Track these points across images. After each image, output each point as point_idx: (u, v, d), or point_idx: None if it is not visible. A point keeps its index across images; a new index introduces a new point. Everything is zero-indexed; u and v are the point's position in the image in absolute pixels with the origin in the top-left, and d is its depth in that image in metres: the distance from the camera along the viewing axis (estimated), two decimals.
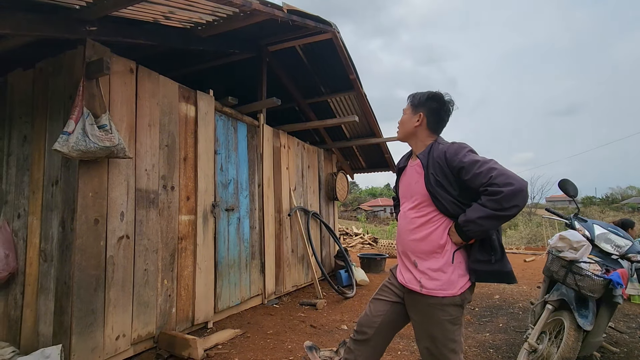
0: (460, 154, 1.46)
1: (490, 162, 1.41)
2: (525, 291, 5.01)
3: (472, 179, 1.41)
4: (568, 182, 2.71)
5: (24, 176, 2.70)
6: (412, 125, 1.64)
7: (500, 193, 1.33)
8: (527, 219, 18.15)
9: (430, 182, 1.51)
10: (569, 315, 2.21)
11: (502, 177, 1.34)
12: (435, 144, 1.59)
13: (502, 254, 1.50)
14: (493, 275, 1.49)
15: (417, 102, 1.65)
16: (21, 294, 2.58)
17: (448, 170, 1.48)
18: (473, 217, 1.39)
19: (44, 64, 2.69)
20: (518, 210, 1.35)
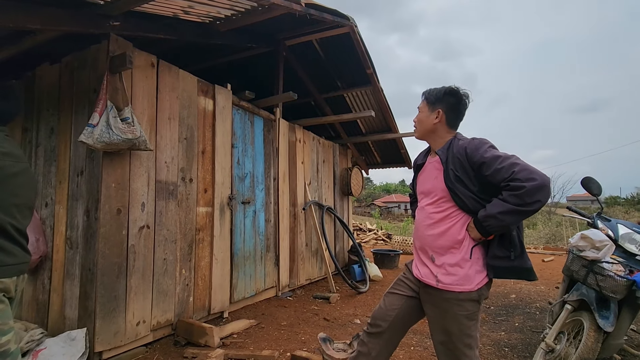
0: (481, 149, 1.45)
1: (512, 158, 1.39)
2: (542, 291, 4.90)
3: (493, 174, 1.40)
4: (591, 180, 2.63)
5: (51, 167, 2.81)
6: (430, 122, 1.62)
7: (523, 188, 1.31)
8: (546, 218, 17.69)
9: (450, 178, 1.50)
10: (589, 316, 2.16)
11: (524, 172, 1.33)
12: (455, 139, 1.58)
13: (522, 251, 1.47)
14: (512, 272, 1.47)
15: (434, 99, 1.62)
16: (49, 279, 2.71)
17: (468, 165, 1.47)
18: (494, 212, 1.37)
19: (70, 59, 2.79)
20: (541, 205, 1.33)
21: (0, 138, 1.50)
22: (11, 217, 1.43)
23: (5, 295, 1.42)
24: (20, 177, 1.49)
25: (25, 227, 1.53)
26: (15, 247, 1.44)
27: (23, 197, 1.50)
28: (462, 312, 1.48)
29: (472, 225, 1.47)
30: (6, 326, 1.39)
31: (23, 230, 1.50)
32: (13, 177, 1.46)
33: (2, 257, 1.38)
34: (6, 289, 1.41)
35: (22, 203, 1.50)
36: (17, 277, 1.48)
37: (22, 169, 1.51)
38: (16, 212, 1.46)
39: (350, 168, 6.25)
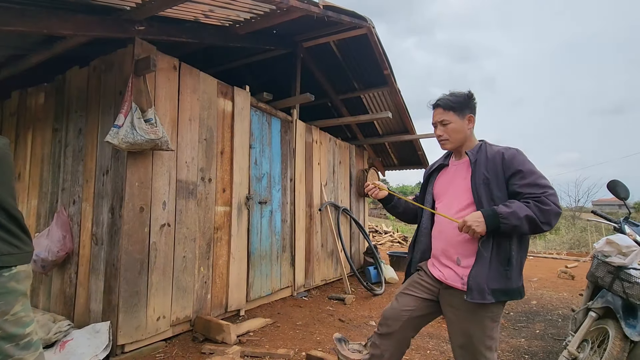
0: (519, 158, 1.50)
1: (547, 180, 1.46)
2: (565, 298, 4.74)
3: (524, 186, 1.44)
4: (618, 184, 2.53)
5: (79, 166, 2.93)
6: (466, 129, 1.62)
7: (549, 206, 1.38)
8: (570, 223, 17.08)
9: (476, 179, 1.51)
10: (615, 324, 2.08)
11: (554, 197, 1.41)
12: (485, 144, 1.61)
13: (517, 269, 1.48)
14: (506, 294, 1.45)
15: (462, 105, 1.61)
16: (75, 273, 2.82)
17: (501, 170, 1.49)
18: (520, 214, 1.37)
19: (97, 62, 2.90)
20: (549, 229, 1.42)
21: None
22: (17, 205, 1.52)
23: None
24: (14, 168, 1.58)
25: None
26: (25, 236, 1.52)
27: None
28: (488, 314, 1.46)
29: (479, 219, 1.41)
30: (28, 318, 1.46)
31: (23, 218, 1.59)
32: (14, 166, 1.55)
33: (20, 245, 1.46)
34: (29, 274, 1.49)
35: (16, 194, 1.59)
36: None
37: None
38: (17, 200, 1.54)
39: (367, 169, 6.23)
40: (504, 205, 1.42)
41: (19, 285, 1.42)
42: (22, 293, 1.44)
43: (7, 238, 1.43)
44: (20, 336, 1.41)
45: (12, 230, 1.45)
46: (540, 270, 7.07)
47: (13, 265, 1.42)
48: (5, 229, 1.43)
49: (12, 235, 1.44)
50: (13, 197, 1.48)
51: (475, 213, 1.43)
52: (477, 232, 1.41)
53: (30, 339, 1.45)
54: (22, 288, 1.44)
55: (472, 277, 1.44)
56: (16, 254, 1.44)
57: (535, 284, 5.63)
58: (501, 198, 1.48)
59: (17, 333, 1.40)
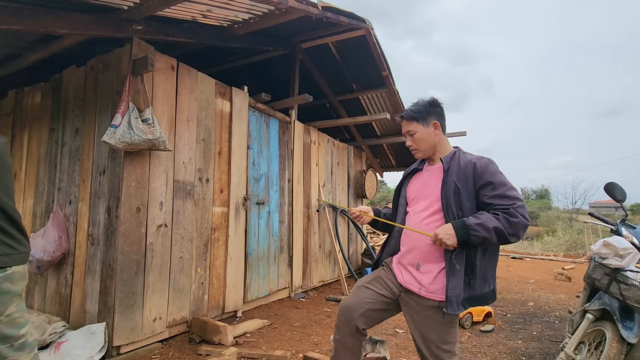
0: (490, 169, 1.50)
1: (517, 192, 1.47)
2: (562, 300, 4.75)
3: (494, 197, 1.45)
4: (615, 186, 2.54)
5: (75, 165, 2.91)
6: (433, 136, 1.64)
7: (517, 218, 1.40)
8: (567, 225, 17.15)
9: (447, 187, 1.52)
10: (612, 326, 2.08)
11: (523, 210, 1.42)
12: (460, 152, 1.62)
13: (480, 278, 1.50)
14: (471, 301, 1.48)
15: (425, 114, 1.63)
16: (71, 274, 2.80)
17: (472, 181, 1.50)
18: (489, 225, 1.39)
19: (95, 62, 2.89)
20: (516, 240, 1.43)
21: None
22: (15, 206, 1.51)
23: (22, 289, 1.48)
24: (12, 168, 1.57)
25: None
26: (21, 236, 1.51)
27: None
28: (442, 319, 1.49)
29: (449, 231, 1.42)
30: (23, 319, 1.45)
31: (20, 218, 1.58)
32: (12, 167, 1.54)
33: (16, 245, 1.45)
34: (24, 275, 1.48)
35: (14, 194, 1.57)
36: None
37: None
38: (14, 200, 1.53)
39: (365, 170, 6.23)
40: (474, 217, 1.44)
41: (13, 286, 1.41)
42: (16, 294, 1.42)
43: (3, 238, 1.41)
44: (15, 337, 1.40)
45: (8, 230, 1.43)
46: (537, 272, 7.09)
47: (8, 266, 1.40)
48: (2, 229, 1.42)
49: (8, 235, 1.43)
50: (10, 197, 1.46)
51: (446, 226, 1.45)
52: (449, 245, 1.43)
53: (25, 340, 1.43)
54: (16, 289, 1.42)
55: (451, 290, 1.45)
56: (12, 255, 1.42)
57: (532, 286, 5.65)
58: (469, 209, 1.49)
59: (11, 334, 1.39)
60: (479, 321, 3.58)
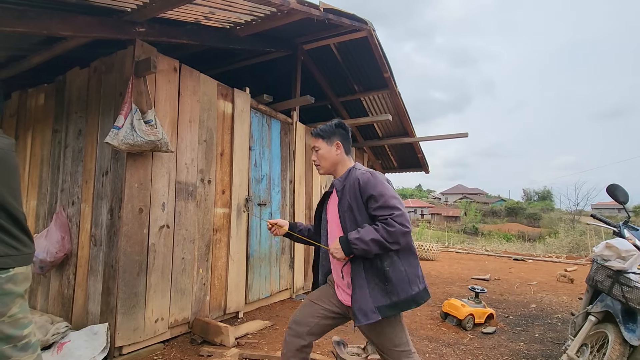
0: (370, 182, 1.58)
1: (396, 200, 1.54)
2: (565, 302, 4.74)
3: (376, 209, 1.54)
4: (618, 188, 2.54)
5: (78, 166, 2.93)
6: (334, 155, 1.75)
7: (394, 227, 1.47)
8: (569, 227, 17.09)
9: (343, 206, 1.63)
10: (614, 329, 2.08)
11: (401, 218, 1.49)
12: (353, 169, 1.72)
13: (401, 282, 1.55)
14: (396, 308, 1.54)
15: (330, 133, 1.75)
16: (73, 274, 2.81)
17: (359, 195, 1.59)
18: (366, 238, 1.48)
19: (98, 63, 2.91)
20: (398, 247, 1.51)
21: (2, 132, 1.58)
22: (20, 206, 1.51)
23: (26, 289, 1.48)
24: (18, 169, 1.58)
25: None
26: (26, 237, 1.52)
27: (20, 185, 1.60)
28: (384, 326, 1.57)
29: (337, 246, 1.54)
30: (26, 319, 1.45)
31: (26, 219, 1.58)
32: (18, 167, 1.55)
33: (20, 247, 1.45)
34: (28, 277, 1.48)
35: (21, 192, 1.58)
36: None
37: None
38: (21, 201, 1.54)
39: None
40: (355, 232, 1.53)
41: (16, 287, 1.41)
42: (19, 295, 1.43)
43: (6, 239, 1.42)
44: (18, 338, 1.41)
45: (12, 231, 1.44)
46: (540, 273, 7.06)
47: (10, 267, 1.41)
48: (5, 230, 1.42)
49: (11, 236, 1.44)
50: (15, 198, 1.47)
51: (335, 241, 1.57)
52: (339, 259, 1.55)
53: (28, 341, 1.44)
54: (19, 290, 1.43)
55: (354, 303, 1.54)
56: (14, 256, 1.43)
57: (534, 288, 5.63)
58: (362, 221, 1.58)
59: (14, 334, 1.40)
60: (480, 323, 3.57)
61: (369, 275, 1.55)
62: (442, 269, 7.36)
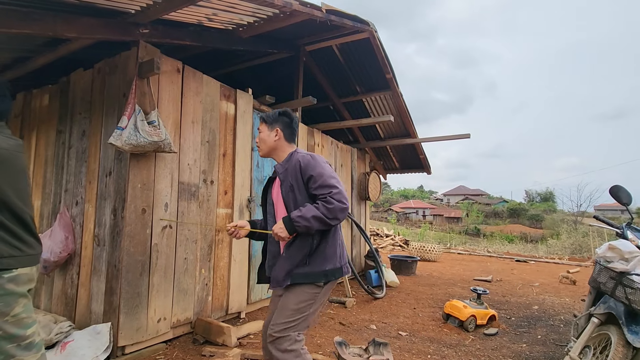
0: (310, 164, 1.70)
1: (334, 180, 1.67)
2: (567, 303, 4.72)
3: (316, 188, 1.66)
4: (621, 189, 2.53)
5: (82, 167, 2.95)
6: (272, 140, 1.85)
7: (333, 204, 1.60)
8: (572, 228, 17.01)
9: (285, 188, 1.73)
10: (617, 331, 2.07)
11: (338, 195, 1.62)
12: (295, 152, 1.82)
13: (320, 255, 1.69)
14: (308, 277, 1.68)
15: (272, 120, 1.87)
16: (77, 274, 2.83)
17: (300, 177, 1.70)
18: (308, 215, 1.60)
19: (102, 64, 2.93)
20: (338, 223, 1.65)
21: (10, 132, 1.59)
22: (29, 208, 1.52)
23: (29, 289, 1.49)
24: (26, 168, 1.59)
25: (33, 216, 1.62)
26: (32, 239, 1.53)
27: (29, 187, 1.61)
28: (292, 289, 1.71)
29: (281, 225, 1.64)
30: (30, 319, 1.46)
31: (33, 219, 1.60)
32: (25, 168, 1.56)
33: (24, 248, 1.46)
34: (32, 278, 1.49)
35: (29, 193, 1.60)
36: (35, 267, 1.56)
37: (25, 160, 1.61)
38: (29, 202, 1.55)
39: (368, 173, 6.23)
40: (297, 210, 1.64)
41: (18, 288, 1.42)
42: (22, 295, 1.44)
43: (10, 240, 1.43)
44: (22, 337, 1.42)
45: (16, 232, 1.45)
46: (542, 275, 7.04)
47: (13, 268, 1.42)
48: (9, 231, 1.43)
49: (16, 237, 1.45)
50: (21, 199, 1.48)
51: (279, 222, 1.67)
52: (283, 238, 1.65)
53: (32, 340, 1.45)
54: (21, 290, 1.44)
55: (274, 270, 1.73)
56: (18, 257, 1.44)
57: (536, 289, 5.61)
58: (302, 201, 1.69)
59: (18, 334, 1.41)
60: (482, 324, 3.56)
61: (297, 248, 1.68)
62: (443, 270, 7.34)
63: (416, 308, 4.25)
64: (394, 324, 3.63)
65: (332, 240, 1.75)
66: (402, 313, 4.02)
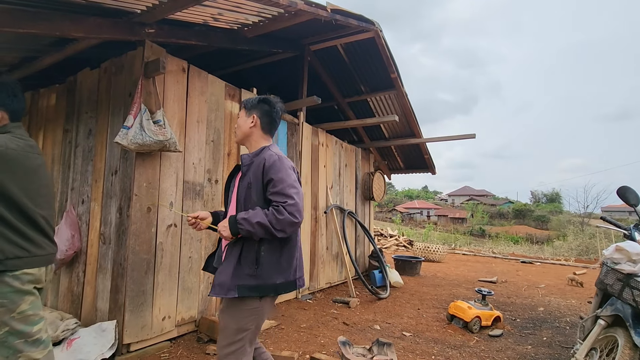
0: (275, 167, 1.57)
1: (294, 190, 1.54)
2: (573, 305, 4.67)
3: (273, 194, 1.54)
4: (629, 190, 2.50)
5: (88, 166, 2.97)
6: (247, 126, 1.73)
7: (284, 216, 1.48)
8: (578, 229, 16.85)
9: (243, 183, 1.62)
10: (624, 333, 2.05)
11: (291, 208, 1.50)
12: (266, 148, 1.69)
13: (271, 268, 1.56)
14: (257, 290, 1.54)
15: (250, 106, 1.75)
16: (83, 272, 2.86)
17: (261, 177, 1.59)
18: (253, 220, 1.48)
19: (108, 64, 2.95)
20: (283, 235, 1.52)
21: (24, 133, 1.60)
22: (40, 208, 1.52)
23: (35, 287, 1.50)
24: (43, 169, 1.59)
25: (51, 216, 1.62)
26: (43, 239, 1.53)
27: (47, 187, 1.61)
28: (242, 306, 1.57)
29: (225, 224, 1.54)
30: (37, 317, 1.47)
31: (50, 220, 1.59)
32: (39, 169, 1.56)
33: (32, 249, 1.47)
34: (37, 279, 1.50)
35: (47, 193, 1.59)
36: (46, 268, 1.57)
37: (43, 161, 1.62)
38: (44, 203, 1.55)
39: (373, 172, 6.22)
40: (244, 212, 1.53)
41: (23, 286, 1.44)
42: (27, 292, 1.45)
43: (17, 240, 1.43)
44: (29, 334, 1.43)
45: (25, 232, 1.46)
46: (548, 276, 6.98)
47: (19, 269, 1.43)
48: (17, 231, 1.44)
49: (24, 237, 1.45)
50: (31, 199, 1.48)
51: (225, 220, 1.56)
52: (225, 237, 1.55)
53: (39, 337, 1.46)
54: (26, 288, 1.45)
55: (218, 275, 1.57)
56: (24, 258, 1.44)
57: (542, 291, 5.56)
58: (256, 202, 1.58)
59: (24, 330, 1.42)
60: (487, 325, 3.54)
61: (243, 254, 1.56)
62: (448, 270, 7.31)
63: (420, 309, 4.24)
64: (397, 324, 3.62)
65: (289, 251, 1.61)
66: (406, 313, 4.01)
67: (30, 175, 1.51)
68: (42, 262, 1.51)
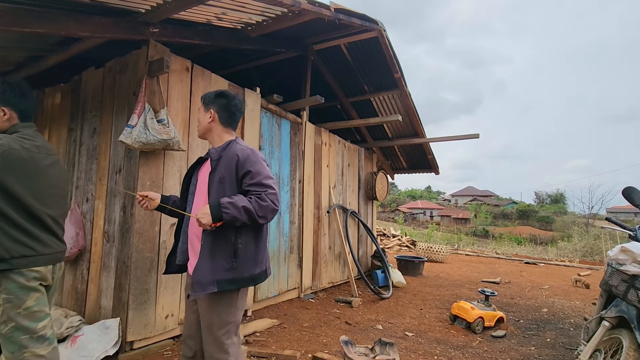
0: (250, 159, 1.61)
1: (272, 181, 1.61)
2: (577, 306, 4.64)
3: (251, 185, 1.57)
4: (634, 190, 2.48)
5: (93, 164, 2.99)
6: (206, 121, 1.75)
7: (266, 202, 1.53)
8: (583, 230, 16.73)
9: (214, 177, 1.61)
10: (629, 334, 2.03)
11: (273, 196, 1.55)
12: (234, 142, 1.71)
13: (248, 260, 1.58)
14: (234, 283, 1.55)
15: (208, 101, 1.77)
16: (87, 270, 2.88)
17: (235, 170, 1.60)
18: (239, 204, 1.49)
19: (112, 63, 2.96)
20: (265, 222, 1.57)
21: (32, 133, 1.61)
22: (47, 207, 1.53)
23: (42, 283, 1.51)
24: (54, 169, 1.61)
25: (61, 216, 1.63)
26: (51, 238, 1.54)
27: (58, 187, 1.62)
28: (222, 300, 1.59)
29: (206, 211, 1.49)
30: (42, 313, 1.49)
31: (59, 219, 1.60)
32: (48, 169, 1.57)
33: (37, 247, 1.48)
34: (43, 277, 1.51)
35: (57, 193, 1.61)
36: (54, 266, 1.58)
37: (54, 160, 1.63)
38: (52, 202, 1.56)
39: (376, 172, 6.21)
40: (228, 197, 1.53)
41: (28, 283, 1.45)
42: (33, 289, 1.46)
43: (23, 239, 1.44)
44: (34, 330, 1.45)
45: (31, 231, 1.47)
46: (552, 278, 6.94)
47: (24, 267, 1.44)
48: (23, 230, 1.45)
49: (30, 236, 1.46)
50: (37, 198, 1.49)
51: (205, 207, 1.53)
52: (204, 224, 1.50)
53: (44, 334, 1.48)
54: (32, 285, 1.46)
55: (196, 271, 1.54)
56: (30, 257, 1.45)
57: (546, 292, 5.53)
58: (231, 196, 1.57)
59: (30, 326, 1.44)
60: (490, 326, 3.53)
61: (219, 247, 1.55)
62: (451, 271, 7.29)
63: (423, 309, 4.23)
64: (400, 324, 3.61)
65: (262, 242, 1.66)
66: (409, 313, 4.00)
67: (36, 174, 1.52)
68: (48, 260, 1.53)
